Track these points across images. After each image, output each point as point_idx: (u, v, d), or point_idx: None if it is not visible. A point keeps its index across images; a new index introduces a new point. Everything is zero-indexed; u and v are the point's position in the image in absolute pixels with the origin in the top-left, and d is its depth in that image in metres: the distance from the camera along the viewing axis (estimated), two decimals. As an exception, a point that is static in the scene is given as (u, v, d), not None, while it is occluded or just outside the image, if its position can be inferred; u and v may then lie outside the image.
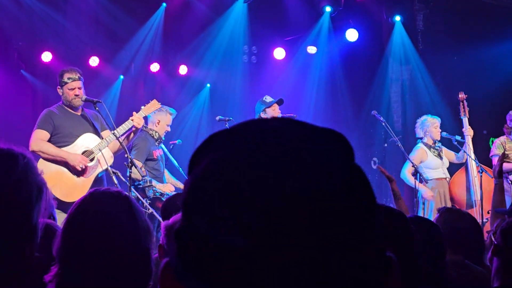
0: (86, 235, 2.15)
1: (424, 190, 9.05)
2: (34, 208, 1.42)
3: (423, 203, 9.04)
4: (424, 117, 9.52)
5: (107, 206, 2.24)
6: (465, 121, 9.50)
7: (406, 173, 9.19)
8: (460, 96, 9.65)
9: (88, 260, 2.12)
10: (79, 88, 7.04)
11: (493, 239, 3.36)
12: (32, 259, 1.43)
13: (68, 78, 7.02)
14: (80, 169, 6.79)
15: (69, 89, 7.02)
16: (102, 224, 2.19)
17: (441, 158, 9.34)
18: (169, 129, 8.39)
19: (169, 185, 7.81)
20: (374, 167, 12.42)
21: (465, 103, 9.55)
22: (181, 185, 7.99)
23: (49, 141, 6.89)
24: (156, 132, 8.19)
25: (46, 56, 11.26)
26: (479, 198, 8.99)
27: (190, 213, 0.81)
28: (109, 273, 2.12)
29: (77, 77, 7.04)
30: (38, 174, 1.48)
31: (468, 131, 9.36)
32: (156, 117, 8.21)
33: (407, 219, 2.50)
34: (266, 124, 0.85)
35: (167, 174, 8.32)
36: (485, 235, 5.37)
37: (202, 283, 0.78)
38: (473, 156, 9.22)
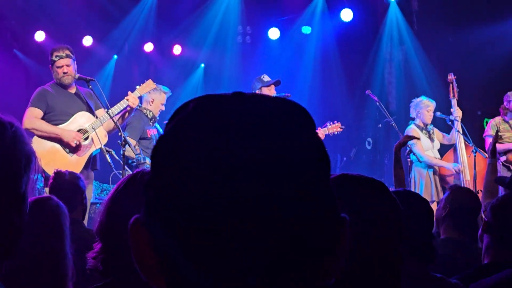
0: (130, 213, 2.16)
1: (448, 165, 9.12)
2: (23, 177, 1.42)
3: (415, 182, 9.06)
4: (420, 98, 9.51)
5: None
6: (454, 102, 9.50)
7: (423, 154, 9.15)
8: (449, 77, 9.64)
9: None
10: (67, 66, 6.99)
11: (483, 216, 3.38)
12: (22, 229, 1.43)
13: (56, 56, 6.99)
14: (74, 145, 6.78)
15: (57, 67, 6.99)
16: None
17: (432, 140, 9.34)
18: (163, 108, 8.35)
19: None
20: (368, 147, 12.45)
21: (455, 85, 9.54)
22: None
23: (42, 119, 6.87)
24: (150, 111, 8.17)
25: (39, 36, 11.23)
26: (468, 178, 9.02)
27: (157, 166, 0.85)
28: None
29: (64, 54, 7.00)
30: (27, 143, 1.48)
31: (457, 112, 9.36)
32: (151, 96, 8.18)
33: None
34: (234, 95, 0.88)
35: None
36: None
37: (169, 232, 0.80)
38: (462, 137, 9.22)
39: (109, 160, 6.66)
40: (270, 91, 8.31)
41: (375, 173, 12.08)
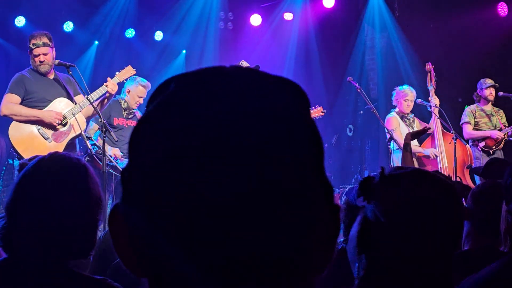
0: (38, 192, 2.16)
1: (426, 151, 9.15)
2: None
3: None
4: (401, 87, 9.52)
5: (63, 169, 2.24)
6: (432, 91, 9.53)
7: (401, 141, 9.18)
8: (427, 67, 9.67)
9: (35, 217, 2.13)
10: (44, 55, 6.89)
11: (463, 202, 3.39)
12: None
13: (33, 44, 6.89)
14: (56, 124, 6.73)
15: (34, 55, 6.91)
16: (56, 185, 2.19)
17: (412, 128, 9.36)
18: (141, 101, 8.12)
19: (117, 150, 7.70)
20: (350, 134, 12.47)
21: (433, 74, 9.58)
22: None
23: (20, 105, 6.81)
24: (125, 101, 8.06)
25: (19, 21, 11.13)
26: (445, 165, 9.07)
27: (138, 151, 0.81)
28: (54, 234, 2.13)
29: (41, 43, 6.90)
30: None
31: (434, 101, 9.40)
32: (127, 86, 8.09)
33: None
34: (217, 69, 0.84)
35: None
36: None
37: (146, 218, 0.77)
38: (439, 124, 9.26)
39: (89, 146, 6.62)
40: None
41: (356, 159, 12.13)
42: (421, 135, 6.16)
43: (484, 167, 5.51)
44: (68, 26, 11.59)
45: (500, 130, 9.54)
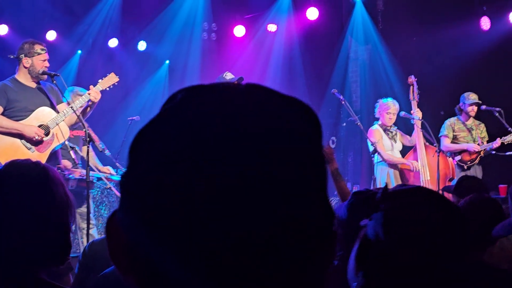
0: (11, 203, 2.16)
1: (408, 162, 9.19)
2: None
3: (380, 181, 9.11)
4: (385, 99, 9.55)
5: (21, 175, 2.24)
6: (414, 104, 9.59)
7: (384, 153, 9.18)
8: (409, 80, 9.72)
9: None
10: (45, 60, 6.96)
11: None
12: None
13: (42, 49, 6.92)
14: (36, 140, 6.68)
15: (41, 60, 6.89)
16: (15, 192, 2.18)
17: (394, 141, 9.40)
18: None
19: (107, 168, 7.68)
20: (333, 146, 12.49)
21: (415, 87, 9.63)
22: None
23: (3, 115, 6.75)
24: None
25: (2, 29, 11.07)
26: (428, 178, 9.11)
27: (132, 158, 0.81)
28: (18, 243, 2.10)
29: (45, 48, 6.96)
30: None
31: (417, 113, 9.45)
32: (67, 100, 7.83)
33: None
34: (231, 86, 0.83)
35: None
36: None
37: (146, 229, 0.76)
38: (422, 137, 9.31)
39: (72, 156, 6.58)
40: None
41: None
42: None
43: (456, 185, 5.55)
44: (51, 35, 11.55)
45: (478, 145, 9.60)
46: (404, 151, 9.60)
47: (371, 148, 8.87)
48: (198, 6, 12.59)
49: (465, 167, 9.45)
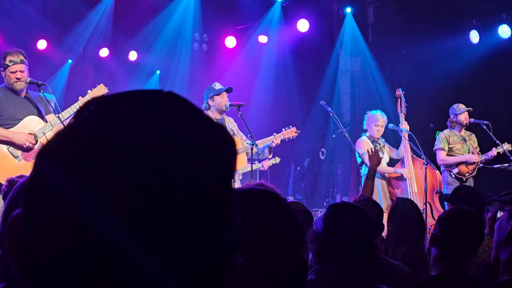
0: None
1: (398, 170, 9.26)
2: None
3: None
4: (374, 111, 9.59)
5: None
6: (402, 117, 9.63)
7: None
8: (397, 93, 9.77)
9: None
10: (21, 71, 6.86)
11: (431, 229, 3.41)
12: None
13: (10, 61, 6.84)
14: (26, 147, 6.67)
15: (10, 72, 6.84)
16: None
17: (382, 153, 9.42)
18: None
19: None
20: (322, 157, 12.51)
21: (403, 100, 9.68)
22: None
23: (-10, 123, 6.74)
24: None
25: (-8, 38, 11.06)
26: (415, 190, 9.13)
27: (41, 166, 0.83)
28: None
29: (19, 60, 6.87)
30: None
31: (404, 126, 9.48)
32: None
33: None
34: (146, 95, 0.86)
35: None
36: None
37: (50, 235, 0.78)
38: (409, 150, 9.35)
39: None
40: (222, 99, 8.23)
41: (328, 183, 12.15)
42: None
43: (452, 194, 5.58)
44: (42, 44, 11.54)
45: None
46: (391, 164, 9.63)
47: (359, 160, 8.89)
48: (189, 17, 12.58)
49: (464, 179, 9.44)
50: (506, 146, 9.45)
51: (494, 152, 9.48)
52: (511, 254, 2.75)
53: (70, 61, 12.16)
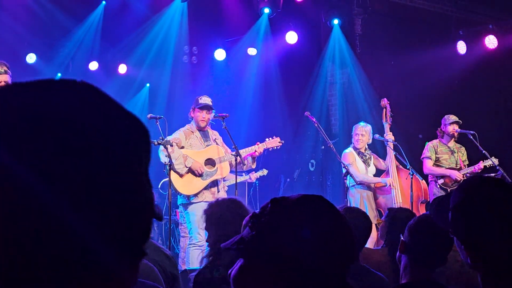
0: None
1: (382, 180, 9.25)
2: None
3: (354, 204, 9.11)
4: (359, 123, 9.62)
5: None
6: (387, 127, 9.65)
7: (358, 174, 9.19)
8: (382, 103, 9.80)
9: None
10: (5, 82, 6.87)
11: (401, 237, 3.42)
12: None
13: None
14: None
15: None
16: None
17: (368, 164, 9.42)
18: None
19: None
20: (312, 169, 12.51)
21: (388, 109, 9.70)
22: None
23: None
24: None
25: (-19, 51, 11.07)
26: (400, 200, 9.12)
27: None
28: None
29: (3, 70, 6.84)
30: None
31: (389, 136, 9.50)
32: None
33: None
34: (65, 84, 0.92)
35: None
36: None
37: None
38: (394, 160, 9.35)
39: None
40: (200, 114, 8.15)
41: (318, 194, 12.13)
42: None
43: (431, 202, 5.55)
44: (31, 58, 11.56)
45: (460, 169, 9.60)
46: (378, 174, 9.64)
47: (343, 171, 8.89)
48: (179, 30, 12.61)
49: (449, 190, 9.43)
50: (495, 160, 9.44)
51: (481, 165, 9.48)
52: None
53: (59, 74, 12.17)
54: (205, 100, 8.32)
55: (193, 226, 7.83)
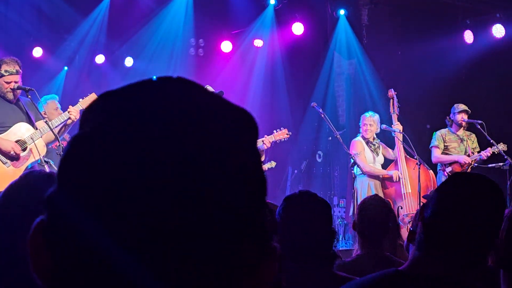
0: (20, 212, 2.15)
1: (388, 172, 9.25)
2: None
3: (357, 194, 9.08)
4: (366, 113, 9.60)
5: (41, 185, 2.23)
6: (394, 117, 9.63)
7: (365, 164, 9.18)
8: (389, 93, 9.78)
9: (20, 238, 2.11)
10: (16, 82, 6.84)
11: (409, 226, 3.43)
12: None
13: (5, 71, 6.79)
14: (11, 155, 6.66)
15: (5, 82, 6.82)
16: (36, 201, 2.17)
17: (376, 154, 9.41)
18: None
19: None
20: (319, 160, 12.51)
21: (395, 100, 9.69)
22: None
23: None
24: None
25: (-13, 46, 11.09)
26: (409, 190, 9.11)
27: (61, 179, 0.80)
28: None
29: (14, 70, 6.81)
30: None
31: (397, 127, 9.48)
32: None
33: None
34: (154, 85, 0.85)
35: None
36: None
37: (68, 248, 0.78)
38: (403, 150, 9.34)
39: (47, 170, 6.56)
40: None
41: (326, 185, 12.14)
42: None
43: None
44: (38, 52, 11.56)
45: (469, 156, 9.57)
46: (386, 164, 9.62)
47: (352, 161, 8.89)
48: (185, 22, 12.61)
49: (456, 178, 9.39)
50: (501, 147, 9.43)
51: (488, 152, 9.45)
52: None
53: (66, 68, 12.19)
54: (211, 89, 8.32)
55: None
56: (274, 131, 8.50)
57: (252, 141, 0.84)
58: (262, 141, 8.27)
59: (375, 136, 9.49)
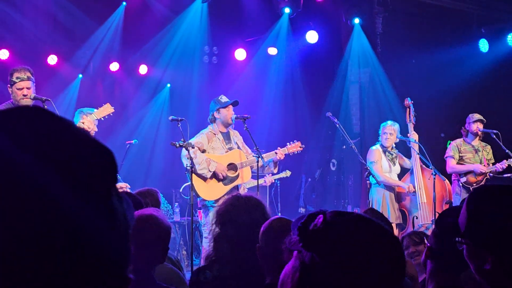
0: None
1: (403, 184, 9.18)
2: None
3: (372, 204, 9.06)
4: (386, 122, 9.56)
5: None
6: (410, 126, 9.58)
7: (380, 174, 9.13)
8: (405, 102, 9.73)
9: None
10: (28, 88, 6.87)
11: (426, 242, 3.39)
12: None
13: (17, 78, 6.87)
14: None
15: (17, 89, 6.87)
16: None
17: (393, 163, 9.36)
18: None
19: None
20: (333, 168, 12.48)
21: (411, 109, 9.63)
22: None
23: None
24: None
25: (3, 54, 11.12)
26: (424, 200, 9.06)
27: None
28: None
29: (26, 76, 6.89)
30: None
31: (413, 136, 9.44)
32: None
33: None
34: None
35: None
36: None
37: None
38: (418, 160, 9.28)
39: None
40: (228, 112, 8.21)
41: (339, 194, 12.12)
42: None
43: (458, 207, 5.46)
44: (52, 59, 11.60)
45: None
46: (403, 173, 9.58)
47: (367, 171, 8.86)
48: (199, 30, 12.62)
49: (471, 189, 9.36)
50: None
51: (504, 164, 9.39)
52: None
53: (80, 75, 12.21)
54: (225, 98, 8.35)
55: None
56: (288, 143, 8.46)
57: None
58: (276, 153, 8.24)
59: (393, 146, 9.44)
